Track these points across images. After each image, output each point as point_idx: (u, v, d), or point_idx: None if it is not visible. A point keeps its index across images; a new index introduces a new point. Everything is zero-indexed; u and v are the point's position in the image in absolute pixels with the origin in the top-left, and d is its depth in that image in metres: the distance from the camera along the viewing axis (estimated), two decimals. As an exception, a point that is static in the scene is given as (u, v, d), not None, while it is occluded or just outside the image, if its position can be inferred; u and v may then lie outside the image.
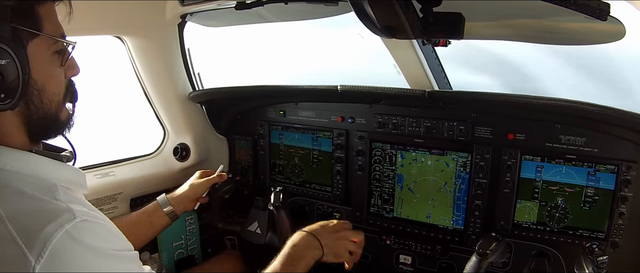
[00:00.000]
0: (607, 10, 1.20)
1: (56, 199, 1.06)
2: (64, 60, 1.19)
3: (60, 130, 1.24)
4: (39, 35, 1.11)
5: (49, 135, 1.23)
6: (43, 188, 1.08)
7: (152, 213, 2.11)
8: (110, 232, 1.13)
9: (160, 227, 2.13)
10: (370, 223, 2.43)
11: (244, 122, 2.82)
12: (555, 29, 1.67)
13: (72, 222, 1.01)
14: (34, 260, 0.95)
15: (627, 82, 3.34)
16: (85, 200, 1.18)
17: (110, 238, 1.11)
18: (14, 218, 0.99)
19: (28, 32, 1.08)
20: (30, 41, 1.09)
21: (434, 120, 2.19)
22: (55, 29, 1.16)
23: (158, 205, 2.13)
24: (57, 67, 1.18)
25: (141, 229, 2.07)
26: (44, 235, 0.97)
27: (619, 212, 1.83)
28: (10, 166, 1.09)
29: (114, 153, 2.62)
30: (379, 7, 1.42)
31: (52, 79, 1.16)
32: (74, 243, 1.00)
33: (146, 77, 2.54)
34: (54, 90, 1.17)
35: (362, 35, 2.10)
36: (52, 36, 1.14)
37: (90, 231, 1.05)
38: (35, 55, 1.09)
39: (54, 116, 1.19)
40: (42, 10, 1.12)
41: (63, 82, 1.21)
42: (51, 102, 1.16)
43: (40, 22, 1.11)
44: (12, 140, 1.12)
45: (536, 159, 1.98)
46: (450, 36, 1.58)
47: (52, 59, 1.16)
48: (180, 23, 2.49)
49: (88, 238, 1.03)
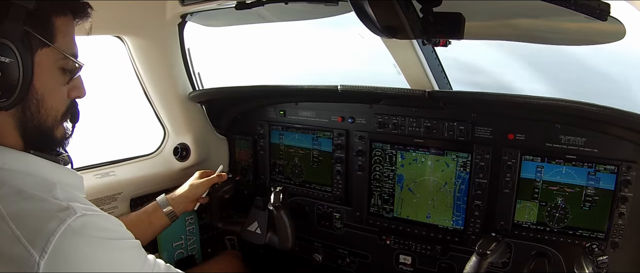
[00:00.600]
0: (607, 11, 1.20)
1: (55, 198, 1.07)
2: (69, 79, 1.18)
3: (54, 145, 1.22)
4: (50, 46, 1.10)
5: (43, 147, 1.20)
6: (42, 187, 1.08)
7: (151, 214, 2.12)
8: (111, 223, 1.13)
9: (160, 227, 2.14)
10: (370, 223, 2.43)
11: (244, 122, 2.82)
12: (555, 29, 1.67)
13: (73, 217, 1.02)
14: (38, 257, 0.96)
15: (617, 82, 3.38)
16: (84, 199, 1.18)
17: (112, 228, 1.12)
18: (16, 217, 0.99)
19: (39, 40, 1.08)
20: (40, 49, 1.09)
21: (434, 120, 2.19)
22: (68, 46, 1.15)
23: (158, 206, 2.13)
24: (61, 84, 1.17)
25: (140, 229, 2.06)
26: (46, 232, 0.97)
27: (619, 212, 1.83)
28: (9, 165, 1.09)
29: (114, 153, 2.62)
30: (379, 7, 1.42)
31: (54, 93, 1.16)
32: (76, 237, 1.00)
33: (146, 77, 2.54)
34: (53, 104, 1.16)
35: (362, 35, 2.10)
36: (62, 51, 1.13)
37: (92, 224, 1.05)
38: (41, 64, 1.09)
39: (49, 130, 1.17)
40: (59, 22, 1.12)
41: (65, 99, 1.20)
42: (48, 115, 1.15)
43: (54, 34, 1.11)
44: (8, 141, 1.12)
45: (536, 159, 1.98)
46: (450, 36, 1.58)
47: (57, 73, 1.15)
48: (181, 23, 2.49)
49: (90, 230, 1.04)
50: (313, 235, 2.64)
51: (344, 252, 2.57)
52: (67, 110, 1.22)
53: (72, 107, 1.24)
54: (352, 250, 2.54)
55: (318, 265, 2.63)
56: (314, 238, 2.64)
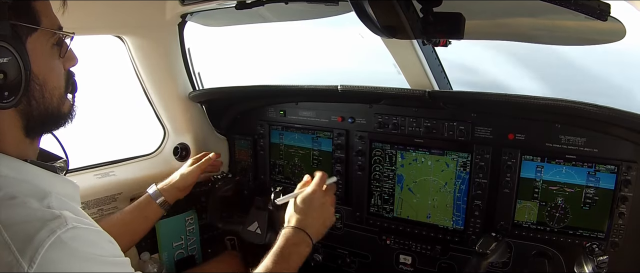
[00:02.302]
0: (607, 11, 1.20)
1: (49, 207, 1.05)
2: (62, 51, 1.20)
3: (62, 122, 1.25)
4: (37, 30, 1.11)
5: (47, 130, 1.24)
6: (36, 195, 1.07)
7: (145, 207, 2.14)
8: (101, 239, 1.12)
9: (155, 219, 2.17)
10: (370, 223, 2.43)
11: (244, 122, 2.82)
12: (555, 29, 1.67)
13: (64, 228, 1.00)
14: (26, 266, 0.95)
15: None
16: (78, 209, 1.17)
17: (102, 244, 1.10)
18: (7, 224, 0.98)
19: (26, 28, 1.08)
20: (29, 36, 1.10)
21: (434, 120, 2.19)
22: (52, 22, 1.16)
23: (150, 198, 2.15)
24: (56, 60, 1.19)
25: (136, 225, 2.10)
26: (36, 242, 0.96)
27: (619, 212, 1.83)
28: (5, 172, 1.08)
29: (114, 153, 2.62)
30: (379, 7, 1.42)
31: (53, 72, 1.18)
32: (65, 250, 0.99)
33: (146, 77, 2.54)
34: (55, 83, 1.18)
35: (362, 35, 2.09)
36: (50, 29, 1.15)
37: (82, 238, 1.04)
38: (34, 49, 1.10)
39: (56, 110, 1.19)
40: (39, 5, 1.13)
41: (63, 74, 1.22)
42: (53, 96, 1.17)
43: (37, 17, 1.12)
44: (6, 138, 1.12)
45: (536, 159, 1.98)
46: (450, 36, 1.58)
47: (51, 51, 1.17)
48: (181, 23, 2.49)
49: (79, 244, 1.02)
50: None
51: (344, 252, 2.57)
52: (67, 83, 1.24)
53: (70, 77, 1.26)
54: (352, 250, 2.54)
55: (318, 265, 2.63)
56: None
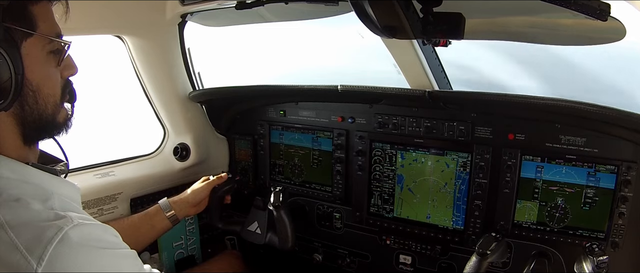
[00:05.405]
0: (607, 11, 1.19)
1: (52, 207, 1.06)
2: (60, 60, 1.18)
3: (57, 131, 1.22)
4: (33, 35, 1.09)
5: (44, 137, 1.21)
6: (39, 196, 1.08)
7: (153, 217, 2.13)
8: (107, 233, 1.13)
9: (162, 230, 2.16)
10: (370, 223, 2.43)
11: (244, 121, 2.82)
12: (555, 29, 1.67)
13: (70, 225, 1.01)
14: (35, 265, 0.95)
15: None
16: (80, 209, 1.18)
17: (107, 238, 1.11)
18: (14, 224, 0.99)
19: (22, 32, 1.07)
20: (24, 41, 1.08)
21: (434, 120, 2.19)
22: (50, 29, 1.14)
23: (160, 209, 2.15)
24: (52, 67, 1.16)
25: (142, 231, 2.09)
26: (44, 240, 0.97)
27: (619, 212, 1.83)
28: (7, 175, 1.08)
29: (114, 152, 2.62)
30: (379, 7, 1.41)
31: (48, 79, 1.15)
32: (73, 246, 1.00)
33: (146, 77, 2.54)
34: (49, 91, 1.15)
35: (362, 35, 2.10)
36: (46, 36, 1.12)
37: (88, 233, 1.05)
38: (29, 55, 1.08)
39: (50, 117, 1.17)
40: (37, 9, 1.11)
41: (59, 82, 1.19)
42: (47, 103, 1.14)
43: (34, 22, 1.10)
44: (5, 143, 1.11)
45: (536, 159, 1.98)
46: (450, 36, 1.57)
47: (47, 58, 1.14)
48: (181, 23, 2.49)
49: (86, 239, 1.04)
50: (313, 235, 2.64)
51: (344, 252, 2.57)
52: (63, 92, 1.21)
53: (68, 86, 1.24)
54: (352, 250, 2.54)
55: (318, 265, 2.63)
56: (314, 238, 2.65)
